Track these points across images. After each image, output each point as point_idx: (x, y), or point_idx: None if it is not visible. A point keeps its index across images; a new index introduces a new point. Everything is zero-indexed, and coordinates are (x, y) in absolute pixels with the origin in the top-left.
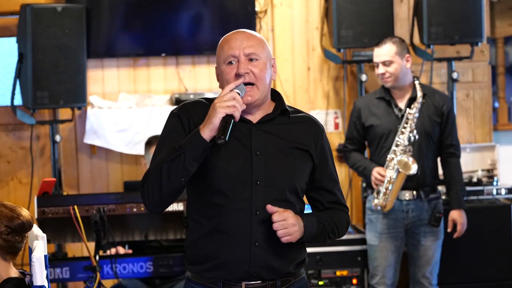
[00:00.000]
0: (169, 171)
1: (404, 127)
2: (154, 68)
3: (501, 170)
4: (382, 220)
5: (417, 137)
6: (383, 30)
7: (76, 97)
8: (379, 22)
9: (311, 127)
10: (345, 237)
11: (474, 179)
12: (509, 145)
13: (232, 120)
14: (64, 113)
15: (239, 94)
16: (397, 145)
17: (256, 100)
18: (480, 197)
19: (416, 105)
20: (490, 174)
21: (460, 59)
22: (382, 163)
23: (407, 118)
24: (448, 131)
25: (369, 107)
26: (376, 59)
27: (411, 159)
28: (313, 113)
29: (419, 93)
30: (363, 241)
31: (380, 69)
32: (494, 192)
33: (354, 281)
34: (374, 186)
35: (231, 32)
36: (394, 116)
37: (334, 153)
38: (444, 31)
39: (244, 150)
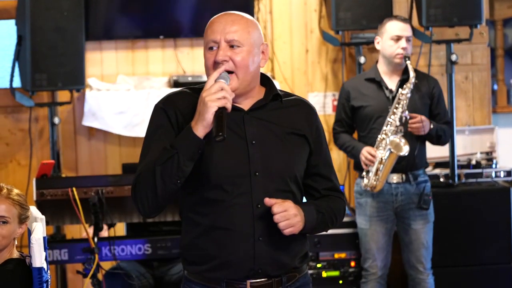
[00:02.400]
0: (162, 173)
1: (396, 107)
2: (152, 51)
3: (500, 153)
4: (371, 203)
5: (408, 117)
6: (382, 12)
7: (75, 79)
8: (377, 4)
9: (304, 110)
10: (343, 219)
11: (473, 162)
12: (508, 127)
13: (225, 112)
14: (63, 95)
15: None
16: (387, 125)
17: (235, 89)
18: (479, 179)
19: (409, 86)
20: (489, 157)
21: (459, 41)
22: (371, 144)
23: (399, 99)
24: (441, 112)
25: (358, 88)
26: (401, 32)
27: (403, 140)
28: (311, 95)
29: (412, 73)
30: None
31: (404, 43)
32: (493, 174)
33: (352, 263)
34: (364, 167)
35: (218, 14)
36: (384, 98)
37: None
38: (443, 13)
39: (238, 140)
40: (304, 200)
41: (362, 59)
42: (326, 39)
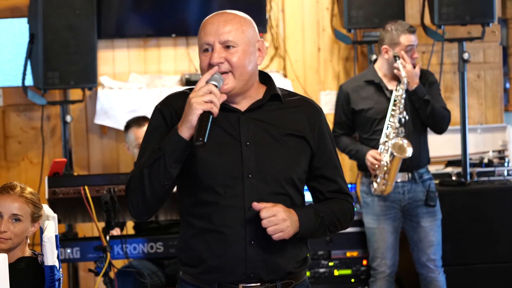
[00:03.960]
0: (150, 176)
1: (393, 110)
2: (164, 49)
3: None
4: (378, 202)
5: (407, 117)
6: (394, 11)
7: (87, 77)
8: (389, 3)
9: (307, 110)
10: (355, 218)
11: (485, 160)
12: None
13: (211, 117)
14: (75, 93)
15: (216, 86)
16: (388, 128)
17: (232, 89)
18: (491, 178)
19: (402, 86)
20: (501, 155)
21: (471, 39)
22: (374, 146)
23: (395, 100)
24: (436, 101)
25: (358, 91)
26: (413, 42)
27: (406, 141)
28: (323, 94)
29: (403, 73)
30: None
31: (415, 53)
32: (505, 173)
33: (364, 262)
34: (371, 171)
35: (210, 15)
36: (385, 99)
37: None
38: (455, 12)
39: (233, 141)
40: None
41: (374, 57)
42: (338, 37)
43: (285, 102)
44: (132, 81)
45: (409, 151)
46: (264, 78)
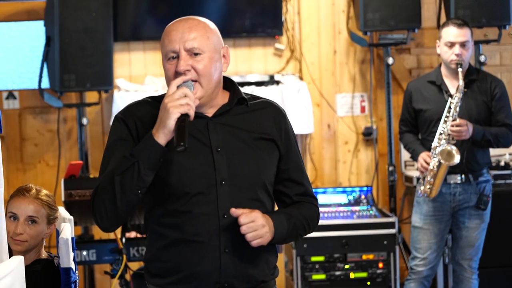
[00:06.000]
0: (122, 183)
1: (447, 116)
2: None
3: None
4: (428, 202)
5: None
6: (410, 13)
7: (103, 80)
8: (406, 5)
9: (272, 113)
10: (371, 220)
11: (502, 163)
12: None
13: (188, 121)
14: (91, 96)
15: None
16: (440, 134)
17: (200, 98)
18: (508, 181)
19: (458, 95)
20: None
21: (487, 42)
22: (429, 147)
23: (449, 107)
24: (499, 114)
25: (420, 90)
26: (455, 38)
27: (454, 148)
28: (339, 96)
29: (461, 82)
30: (389, 225)
31: (457, 49)
32: None
33: (380, 265)
34: (420, 173)
35: (173, 21)
36: (444, 101)
37: (360, 137)
38: (472, 14)
39: (203, 148)
40: (276, 207)
41: (390, 60)
42: (354, 40)
43: (250, 106)
44: (148, 84)
45: (456, 158)
46: (226, 83)
